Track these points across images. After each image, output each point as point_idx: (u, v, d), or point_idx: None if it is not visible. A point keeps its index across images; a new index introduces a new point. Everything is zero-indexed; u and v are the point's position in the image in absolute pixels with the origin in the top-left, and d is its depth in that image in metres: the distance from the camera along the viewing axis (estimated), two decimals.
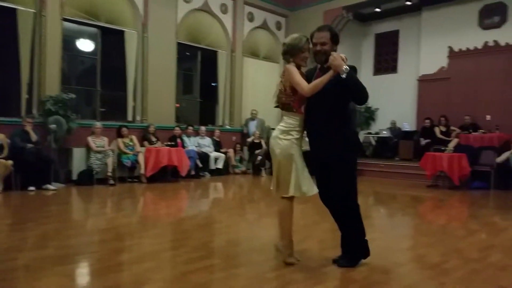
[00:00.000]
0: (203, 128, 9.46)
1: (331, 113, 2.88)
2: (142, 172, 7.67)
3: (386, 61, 11.87)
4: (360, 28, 12.06)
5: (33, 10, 7.22)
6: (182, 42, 9.41)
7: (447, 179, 7.83)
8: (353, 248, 3.02)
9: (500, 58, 9.34)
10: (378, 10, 11.07)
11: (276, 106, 3.04)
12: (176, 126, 8.87)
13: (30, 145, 6.46)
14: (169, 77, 9.12)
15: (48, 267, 2.87)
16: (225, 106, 10.41)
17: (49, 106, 7.02)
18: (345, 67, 2.69)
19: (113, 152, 7.53)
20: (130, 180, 7.71)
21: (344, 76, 2.69)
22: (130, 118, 8.64)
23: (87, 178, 7.11)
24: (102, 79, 8.42)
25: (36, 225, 4.15)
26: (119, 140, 7.77)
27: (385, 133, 10.94)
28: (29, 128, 6.56)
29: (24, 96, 7.13)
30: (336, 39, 2.94)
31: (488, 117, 9.22)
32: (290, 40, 2.91)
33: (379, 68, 11.94)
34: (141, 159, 7.71)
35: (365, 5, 10.52)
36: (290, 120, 2.93)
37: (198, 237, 3.89)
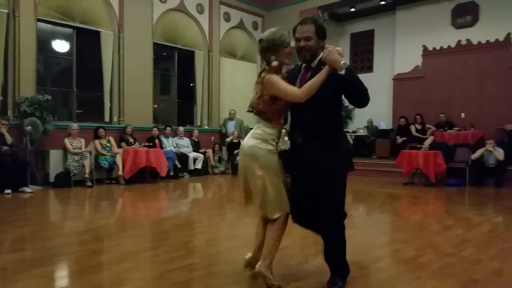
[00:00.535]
0: (181, 128, 9.41)
1: (325, 118, 2.49)
2: (120, 173, 7.58)
3: (362, 61, 12.08)
4: (336, 28, 12.23)
5: (6, 10, 7.05)
6: (158, 42, 9.34)
7: (423, 176, 8.03)
8: (343, 263, 2.70)
9: (472, 57, 9.64)
10: (353, 9, 11.27)
11: (250, 111, 2.64)
12: (154, 127, 8.80)
13: (5, 148, 6.33)
14: (146, 78, 9.03)
15: (26, 269, 2.82)
16: (203, 106, 10.39)
17: (24, 108, 6.87)
18: (343, 62, 2.30)
19: (90, 153, 7.41)
20: (108, 181, 7.61)
21: (342, 72, 2.30)
22: (107, 119, 8.52)
23: (65, 180, 6.98)
24: (78, 80, 8.27)
25: (12, 228, 4.06)
26: (96, 141, 7.66)
27: (362, 132, 11.13)
28: (4, 130, 6.41)
29: None
30: (322, 33, 2.52)
31: (462, 115, 9.51)
32: (269, 35, 2.49)
33: (355, 67, 12.10)
34: (118, 160, 7.61)
35: (340, 4, 10.70)
36: (268, 129, 2.55)
37: (178, 237, 3.88)
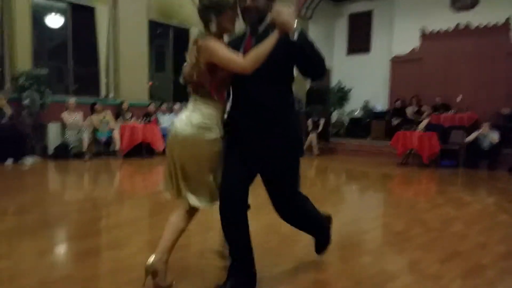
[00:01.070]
0: (177, 105, 9.44)
1: (274, 94, 2.06)
2: (117, 148, 7.65)
3: (359, 42, 12.04)
4: (334, 8, 12.16)
5: None
6: (153, 19, 9.27)
7: (417, 157, 8.16)
8: (324, 236, 2.56)
9: (471, 40, 9.67)
10: None
11: (184, 84, 2.10)
12: (150, 103, 8.83)
13: (4, 120, 6.37)
14: (141, 54, 8.99)
15: (29, 232, 2.95)
16: None
17: (22, 82, 6.87)
18: (296, 25, 1.89)
19: (87, 127, 7.47)
20: (105, 155, 7.69)
21: (295, 37, 1.89)
22: (103, 94, 8.53)
23: (63, 153, 7.09)
24: (74, 55, 8.24)
25: (14, 196, 4.17)
26: (93, 116, 7.69)
27: (357, 113, 11.22)
28: (3, 103, 6.44)
29: None
30: None
31: (459, 98, 9.59)
32: None
33: (352, 48, 12.10)
34: (116, 135, 7.68)
35: None
36: (209, 110, 2.01)
37: (175, 206, 4.00)
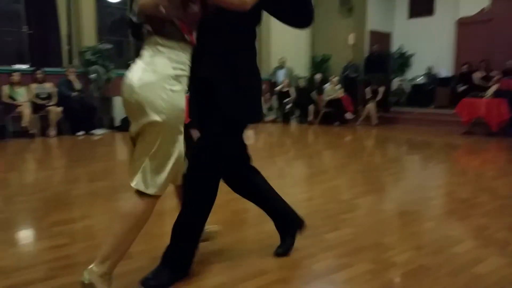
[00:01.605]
0: None
1: (240, 42, 1.75)
2: None
3: (422, 4, 11.24)
4: None
5: None
6: None
7: (484, 126, 7.67)
8: (289, 220, 2.12)
9: None
10: None
11: (139, 24, 1.61)
12: None
13: (74, 93, 6.86)
14: None
15: (104, 195, 3.22)
16: None
17: (88, 57, 7.29)
18: None
19: None
20: None
21: None
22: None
23: (128, 125, 7.47)
24: None
25: (87, 165, 4.53)
26: None
27: (420, 80, 10.66)
28: (72, 77, 6.92)
29: (65, 48, 7.43)
30: None
31: None
32: None
33: (414, 11, 11.36)
34: None
35: None
36: (180, 55, 1.59)
37: None
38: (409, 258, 2.04)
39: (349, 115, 9.26)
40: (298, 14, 1.73)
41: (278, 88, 9.97)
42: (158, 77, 1.53)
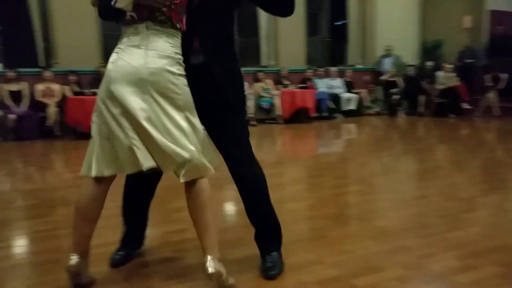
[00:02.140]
0: (333, 69, 9.35)
1: (228, 27, 1.78)
2: (279, 113, 8.09)
3: None
4: None
5: None
6: None
7: None
8: (274, 229, 1.88)
9: None
10: None
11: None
12: (307, 69, 8.97)
13: None
14: (298, 20, 9.10)
15: (221, 185, 3.40)
16: (356, 45, 10.04)
17: None
18: None
19: (253, 96, 8.08)
20: (268, 121, 8.23)
21: None
22: (264, 63, 9.03)
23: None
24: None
25: None
26: (256, 84, 8.26)
27: None
28: None
29: None
30: None
31: None
32: None
33: None
34: (277, 101, 8.11)
35: None
36: (176, 40, 1.58)
37: (340, 167, 4.09)
38: None
39: (465, 106, 8.39)
40: (277, 2, 1.74)
41: (383, 77, 9.52)
42: (164, 61, 1.51)
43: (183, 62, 1.58)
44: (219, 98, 1.70)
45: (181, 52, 1.58)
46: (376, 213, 2.62)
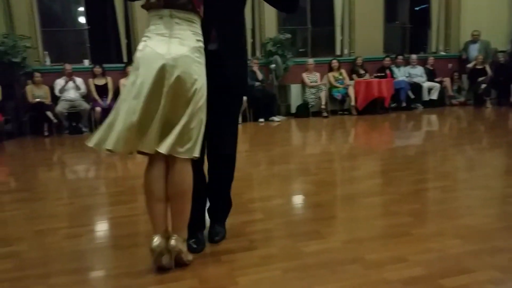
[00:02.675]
0: (414, 56, 8.80)
1: (239, 13, 1.94)
2: (352, 104, 7.83)
3: None
4: None
5: None
6: None
7: None
8: (229, 205, 2.16)
9: None
10: None
11: None
12: (385, 57, 8.54)
13: (257, 83, 7.45)
14: (376, 7, 8.68)
15: (287, 178, 3.43)
16: (439, 30, 9.33)
17: (269, 48, 7.79)
18: None
19: (325, 86, 7.91)
20: (341, 112, 8.01)
21: None
22: (338, 52, 8.77)
23: (304, 111, 7.80)
24: (312, 16, 8.74)
25: (267, 149, 4.90)
26: (330, 74, 8.06)
27: None
28: (255, 68, 7.51)
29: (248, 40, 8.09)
30: None
31: None
32: None
33: None
34: (351, 92, 7.85)
35: None
36: (197, 27, 1.66)
37: (422, 162, 3.84)
38: None
39: None
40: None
41: (470, 65, 8.76)
42: (187, 49, 1.58)
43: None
44: (223, 84, 1.84)
45: (202, 39, 1.66)
46: (464, 210, 2.41)
